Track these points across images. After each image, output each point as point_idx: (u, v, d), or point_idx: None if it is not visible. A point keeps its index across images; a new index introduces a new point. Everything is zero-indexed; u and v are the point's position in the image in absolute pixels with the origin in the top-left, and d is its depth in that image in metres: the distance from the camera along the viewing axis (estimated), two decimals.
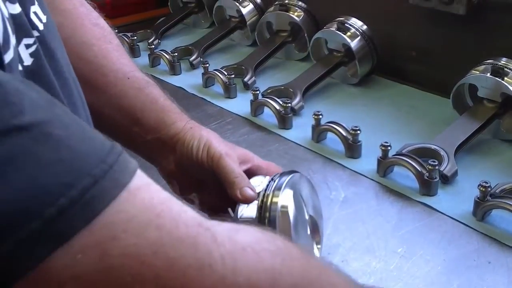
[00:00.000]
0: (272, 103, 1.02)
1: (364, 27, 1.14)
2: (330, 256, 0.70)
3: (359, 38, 1.13)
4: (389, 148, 0.84)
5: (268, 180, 0.63)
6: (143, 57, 1.35)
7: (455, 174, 0.84)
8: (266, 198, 0.60)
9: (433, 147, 0.87)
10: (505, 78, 0.91)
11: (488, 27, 1.04)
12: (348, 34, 1.13)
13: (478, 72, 0.94)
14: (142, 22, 1.57)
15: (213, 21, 1.47)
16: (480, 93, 0.94)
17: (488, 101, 0.94)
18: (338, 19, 1.16)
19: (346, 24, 1.14)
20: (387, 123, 1.02)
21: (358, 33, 1.13)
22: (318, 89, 1.15)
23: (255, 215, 0.60)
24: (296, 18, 1.25)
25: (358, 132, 0.89)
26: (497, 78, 0.91)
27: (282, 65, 1.30)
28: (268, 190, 0.61)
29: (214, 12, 1.44)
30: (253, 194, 0.62)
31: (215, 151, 0.64)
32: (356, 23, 1.14)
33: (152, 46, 1.32)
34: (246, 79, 1.17)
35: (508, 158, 0.91)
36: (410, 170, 0.82)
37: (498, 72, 0.91)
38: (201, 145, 0.64)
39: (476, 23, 1.04)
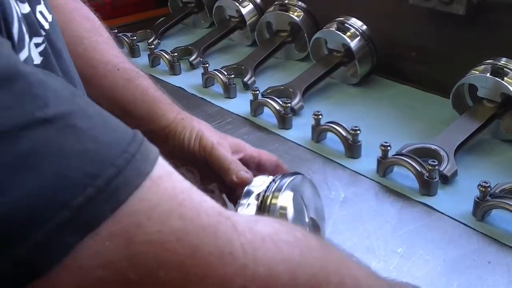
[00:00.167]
0: (272, 103, 1.02)
1: (364, 27, 1.14)
2: None
3: (358, 38, 1.13)
4: (389, 148, 0.84)
5: (270, 181, 0.63)
6: (143, 57, 1.35)
7: (455, 174, 0.84)
8: (265, 199, 0.60)
9: (433, 147, 0.88)
10: (505, 78, 0.91)
11: (488, 27, 1.04)
12: (348, 34, 1.13)
13: (478, 72, 0.94)
14: (141, 22, 1.57)
15: (212, 21, 1.47)
16: (480, 93, 0.94)
17: (488, 101, 0.94)
18: (338, 19, 1.16)
19: (346, 24, 1.14)
20: (387, 123, 1.02)
21: (358, 33, 1.13)
22: (318, 89, 1.15)
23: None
24: (296, 18, 1.25)
25: (358, 132, 0.89)
26: (497, 78, 0.91)
27: (282, 65, 1.30)
28: (268, 191, 0.61)
29: (213, 12, 1.44)
30: (248, 176, 0.63)
31: (207, 141, 0.64)
32: (356, 23, 1.14)
33: (152, 46, 1.32)
34: (246, 79, 1.17)
35: (508, 158, 0.91)
36: (410, 170, 0.82)
37: (498, 72, 0.91)
38: (193, 135, 0.65)
39: (476, 23, 1.04)
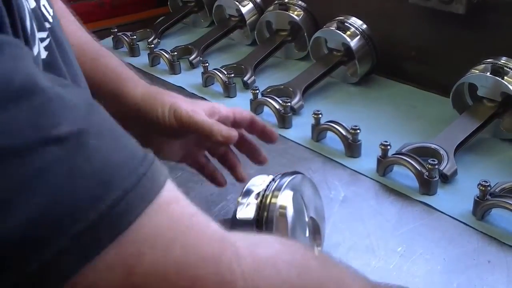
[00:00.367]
0: (271, 102, 1.02)
1: (364, 26, 1.14)
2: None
3: (358, 37, 1.13)
4: (388, 147, 0.84)
5: (269, 180, 0.63)
6: (142, 56, 1.35)
7: (455, 173, 0.84)
8: (265, 198, 0.60)
9: (432, 146, 0.87)
10: (505, 77, 0.91)
11: (488, 27, 1.04)
12: (348, 33, 1.13)
13: (477, 71, 0.94)
14: (141, 21, 1.57)
15: (212, 20, 1.47)
16: (480, 92, 0.94)
17: (487, 100, 0.94)
18: (337, 18, 1.16)
19: (345, 23, 1.14)
20: (387, 122, 1.02)
21: (358, 32, 1.13)
22: (317, 88, 1.15)
23: (253, 215, 0.60)
24: (296, 17, 1.25)
25: (358, 131, 0.89)
26: (496, 77, 0.91)
27: (281, 64, 1.30)
28: (268, 190, 0.61)
29: (213, 11, 1.44)
30: (232, 132, 0.63)
31: (182, 113, 0.63)
32: (355, 22, 1.14)
33: (152, 45, 1.31)
34: (245, 78, 1.17)
35: (508, 157, 0.91)
36: (409, 169, 0.82)
37: (498, 71, 0.91)
38: (165, 110, 0.64)
39: (476, 22, 1.04)
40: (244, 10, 1.36)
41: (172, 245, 0.31)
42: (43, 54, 0.39)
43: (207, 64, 1.18)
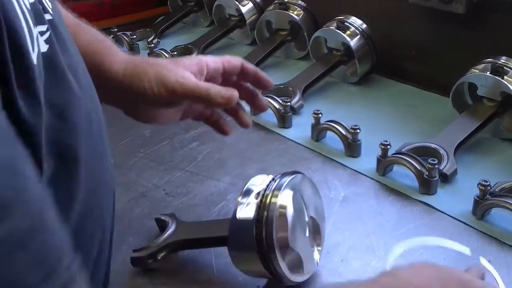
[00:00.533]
0: (271, 101, 1.02)
1: (364, 26, 1.14)
2: (329, 256, 0.70)
3: (358, 37, 1.13)
4: (388, 147, 0.84)
5: (269, 180, 0.63)
6: (142, 56, 1.35)
7: (455, 173, 0.84)
8: (265, 197, 0.60)
9: (432, 146, 0.87)
10: (504, 77, 0.91)
11: (488, 26, 1.04)
12: (348, 33, 1.13)
13: (477, 70, 0.94)
14: (141, 21, 1.57)
15: (212, 20, 1.47)
16: (480, 92, 0.94)
17: (487, 99, 0.94)
18: (337, 17, 1.16)
19: (345, 23, 1.14)
20: (387, 122, 1.02)
21: (358, 32, 1.13)
22: (317, 88, 1.15)
23: (253, 215, 0.60)
24: (296, 17, 1.25)
25: (358, 131, 0.89)
26: (496, 77, 0.91)
27: (281, 64, 1.30)
28: (267, 190, 0.61)
29: (213, 11, 1.44)
30: (232, 91, 0.61)
31: (171, 83, 0.60)
32: (355, 22, 1.14)
33: (152, 45, 1.31)
34: None
35: (507, 157, 0.91)
36: (409, 169, 0.82)
37: (498, 70, 0.91)
38: (152, 84, 0.61)
39: (476, 22, 1.04)
40: (244, 10, 1.36)
41: None
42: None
43: None
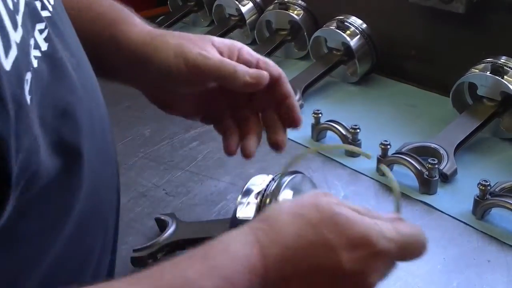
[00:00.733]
0: None
1: (364, 25, 1.14)
2: None
3: (358, 36, 1.13)
4: (388, 146, 0.84)
5: (269, 179, 0.63)
6: None
7: (455, 172, 0.84)
8: (265, 197, 0.60)
9: (432, 145, 0.87)
10: (504, 77, 0.91)
11: (488, 26, 1.04)
12: (348, 32, 1.13)
13: (477, 70, 0.94)
14: None
15: (212, 19, 1.47)
16: (480, 91, 0.94)
17: (487, 99, 0.94)
18: (337, 17, 1.16)
19: (345, 23, 1.14)
20: (387, 122, 1.02)
21: (358, 31, 1.13)
22: (317, 87, 1.15)
23: (253, 215, 0.60)
24: (296, 17, 1.24)
25: (358, 130, 0.89)
26: (496, 77, 0.91)
27: (281, 63, 1.29)
28: (268, 190, 0.61)
29: (213, 11, 1.43)
30: (264, 72, 0.53)
31: (192, 56, 0.53)
32: (355, 21, 1.14)
33: None
34: None
35: (507, 156, 0.91)
36: (409, 168, 0.82)
37: (498, 70, 0.91)
38: (170, 57, 0.54)
39: (476, 21, 1.04)
40: (244, 10, 1.36)
41: None
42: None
43: None
